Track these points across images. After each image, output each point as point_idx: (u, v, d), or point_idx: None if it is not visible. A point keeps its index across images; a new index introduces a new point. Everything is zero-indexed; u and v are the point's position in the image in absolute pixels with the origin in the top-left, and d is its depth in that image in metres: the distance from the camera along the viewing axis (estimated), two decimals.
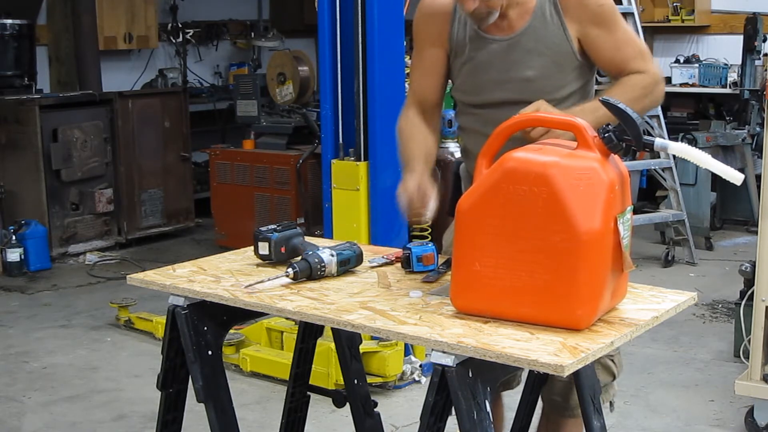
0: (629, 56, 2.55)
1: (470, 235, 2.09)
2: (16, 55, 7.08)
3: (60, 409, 4.27)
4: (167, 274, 2.56)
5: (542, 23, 2.54)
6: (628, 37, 2.58)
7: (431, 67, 2.71)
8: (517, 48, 2.56)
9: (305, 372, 2.97)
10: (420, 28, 2.73)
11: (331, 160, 4.46)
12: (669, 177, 6.63)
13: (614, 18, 2.57)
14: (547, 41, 2.54)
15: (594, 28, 2.54)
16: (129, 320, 5.33)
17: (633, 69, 2.54)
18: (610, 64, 2.58)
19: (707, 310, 5.49)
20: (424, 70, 2.73)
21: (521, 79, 2.55)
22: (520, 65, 2.55)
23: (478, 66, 2.61)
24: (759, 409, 3.82)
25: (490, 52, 2.58)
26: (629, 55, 2.55)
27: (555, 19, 2.54)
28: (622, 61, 2.55)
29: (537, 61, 2.55)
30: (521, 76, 2.55)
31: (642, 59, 2.56)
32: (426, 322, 2.10)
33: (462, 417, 1.97)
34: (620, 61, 2.55)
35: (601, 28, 2.54)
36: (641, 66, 2.55)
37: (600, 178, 2.00)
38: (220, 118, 8.67)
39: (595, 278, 2.01)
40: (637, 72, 2.53)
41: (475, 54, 2.61)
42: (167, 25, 8.87)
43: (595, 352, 1.94)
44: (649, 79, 2.54)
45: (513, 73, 2.56)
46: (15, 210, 6.74)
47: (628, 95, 2.42)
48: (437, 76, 2.72)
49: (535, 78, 2.54)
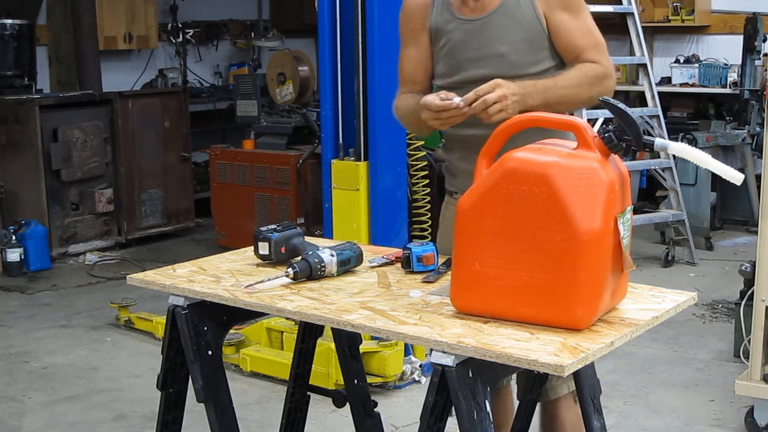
0: (587, 45, 2.66)
1: (470, 235, 2.09)
2: (16, 55, 7.08)
3: (60, 409, 4.27)
4: (167, 274, 2.56)
5: (514, 2, 2.65)
6: (589, 27, 2.69)
7: (418, 55, 2.79)
8: (490, 26, 2.66)
9: (305, 372, 2.97)
10: (404, 22, 2.82)
11: (331, 160, 4.46)
12: (669, 177, 6.63)
13: (580, 6, 2.69)
14: (519, 18, 2.64)
15: (560, 11, 2.65)
16: (129, 320, 5.33)
17: (588, 58, 2.64)
18: (568, 49, 2.67)
19: (707, 310, 5.49)
20: (412, 60, 2.80)
21: (495, 54, 2.65)
22: (494, 41, 2.65)
23: (455, 46, 2.70)
24: (759, 409, 3.82)
25: (466, 32, 2.68)
26: (588, 44, 2.66)
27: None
28: (579, 48, 2.66)
29: (510, 36, 2.65)
30: (495, 51, 2.65)
31: (598, 51, 2.67)
32: (426, 322, 2.10)
33: (462, 417, 1.97)
34: (578, 48, 2.66)
35: (567, 12, 2.66)
36: (596, 57, 2.65)
37: (600, 178, 2.00)
38: (220, 118, 8.67)
39: (595, 278, 2.01)
40: (591, 62, 2.64)
41: (451, 36, 2.70)
42: (167, 25, 8.87)
43: (595, 352, 1.94)
44: (601, 70, 2.64)
45: (487, 49, 2.66)
46: (15, 210, 6.74)
47: (580, 80, 2.59)
48: (424, 63, 2.79)
49: (508, 53, 2.64)
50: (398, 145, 4.49)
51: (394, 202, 4.47)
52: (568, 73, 2.62)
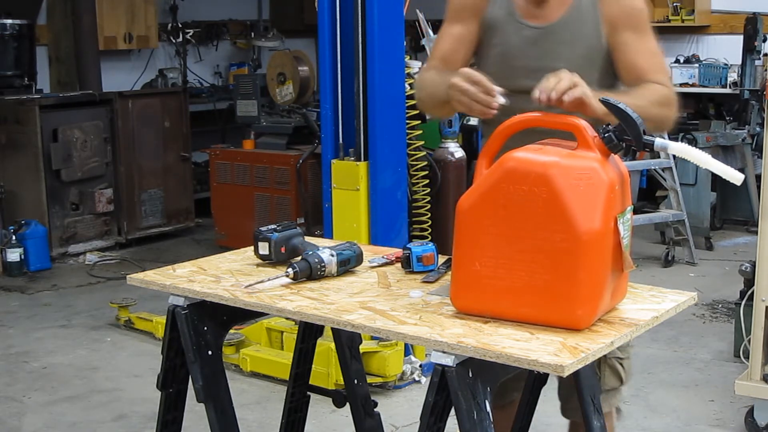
0: (652, 67, 2.52)
1: (470, 235, 2.09)
2: (16, 55, 7.09)
3: (60, 409, 4.27)
4: (167, 274, 2.56)
5: (578, 16, 2.53)
6: (655, 49, 2.55)
7: (462, 37, 2.63)
8: (550, 38, 2.53)
9: (305, 372, 2.97)
10: (457, 3, 2.66)
11: (331, 160, 4.46)
12: (669, 177, 6.63)
13: (647, 26, 2.55)
14: (581, 35, 2.53)
15: (626, 31, 2.51)
16: (129, 320, 5.33)
17: (653, 80, 2.49)
18: (630, 69, 2.53)
19: (707, 310, 5.50)
20: (454, 38, 2.64)
21: (551, 68, 2.44)
22: (552, 55, 2.52)
23: (510, 51, 2.56)
24: (759, 409, 3.82)
25: (523, 39, 2.55)
26: (652, 66, 2.52)
27: (591, 14, 2.52)
28: (643, 69, 2.51)
29: (569, 52, 2.52)
30: (552, 66, 2.45)
31: (663, 74, 2.54)
32: (426, 322, 2.10)
33: (462, 417, 1.97)
34: (641, 69, 2.51)
35: (633, 32, 2.52)
36: (661, 79, 2.51)
37: (600, 178, 2.00)
38: (220, 118, 8.67)
39: (595, 278, 2.01)
40: (656, 83, 2.49)
41: (507, 39, 2.56)
42: (167, 25, 8.88)
43: (595, 352, 1.94)
44: (668, 92, 2.48)
45: (544, 62, 2.49)
46: (15, 210, 6.74)
47: (648, 98, 2.39)
48: (466, 47, 2.64)
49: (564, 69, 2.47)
50: (398, 145, 4.49)
51: (394, 202, 4.47)
52: (633, 92, 2.43)
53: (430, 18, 5.59)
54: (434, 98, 2.55)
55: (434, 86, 2.52)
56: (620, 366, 2.71)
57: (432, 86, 2.55)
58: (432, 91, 2.55)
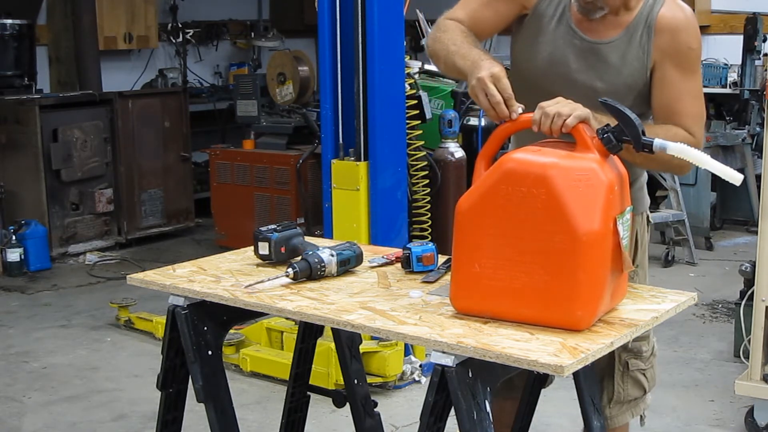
0: (688, 111, 2.41)
1: (470, 236, 2.09)
2: (16, 55, 7.08)
3: (60, 409, 4.27)
4: (167, 274, 2.56)
5: (629, 41, 2.42)
6: (696, 93, 2.44)
7: (499, 9, 2.51)
8: (597, 55, 2.44)
9: (305, 372, 2.97)
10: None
11: (331, 160, 4.46)
12: (669, 177, 6.63)
13: (695, 68, 2.44)
14: (629, 59, 2.42)
15: (672, 67, 2.41)
16: (129, 320, 5.33)
17: (682, 124, 2.38)
18: (665, 108, 2.42)
19: (707, 310, 5.50)
20: (490, 6, 2.52)
21: (590, 87, 2.42)
22: (594, 73, 2.44)
23: (559, 57, 2.47)
24: (759, 409, 3.82)
25: (570, 48, 2.46)
26: (688, 111, 2.41)
27: (643, 40, 2.41)
28: (678, 111, 2.40)
29: (613, 75, 2.43)
30: (591, 84, 2.43)
31: (697, 123, 2.41)
32: (426, 322, 2.10)
33: (462, 417, 1.97)
34: (676, 110, 2.40)
35: (679, 70, 2.41)
36: (693, 127, 2.39)
37: (599, 179, 2.00)
38: (220, 118, 8.67)
39: (594, 279, 2.01)
40: (685, 129, 2.37)
41: (556, 43, 2.47)
42: (167, 25, 8.88)
43: (595, 352, 1.95)
44: (692, 141, 2.27)
45: (584, 77, 2.44)
46: (15, 210, 6.74)
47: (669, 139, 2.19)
48: (498, 19, 2.52)
49: (603, 91, 2.36)
50: (398, 145, 4.49)
51: (394, 202, 4.47)
52: (662, 127, 2.33)
53: (430, 18, 5.58)
54: (450, 63, 2.42)
55: (457, 52, 2.39)
56: (643, 377, 2.68)
57: (455, 50, 2.40)
58: (452, 55, 2.40)
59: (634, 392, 2.67)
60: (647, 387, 2.71)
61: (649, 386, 2.71)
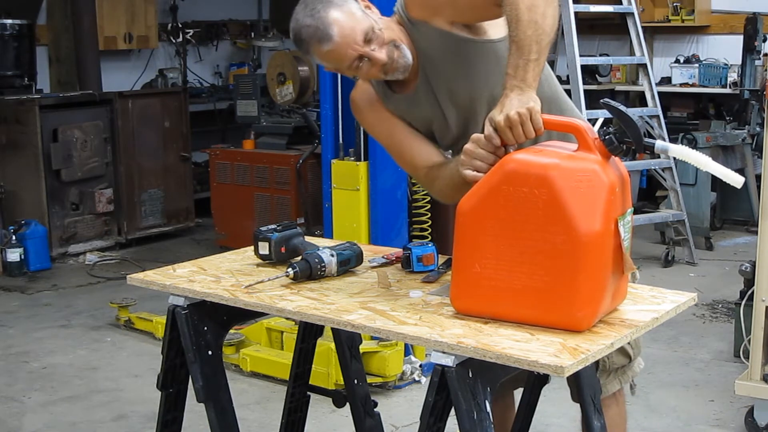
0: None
1: (470, 237, 2.09)
2: (16, 55, 7.08)
3: (60, 409, 4.27)
4: (167, 274, 2.56)
5: (428, 41, 2.40)
6: None
7: (411, 130, 2.54)
8: (430, 79, 2.43)
9: (305, 372, 2.97)
10: (371, 113, 2.59)
11: (331, 160, 4.46)
12: (669, 177, 6.63)
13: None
14: (435, 53, 2.40)
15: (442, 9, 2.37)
16: (129, 320, 5.33)
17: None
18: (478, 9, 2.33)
19: (707, 310, 5.50)
20: (410, 137, 2.54)
21: (456, 96, 2.42)
22: (445, 88, 2.43)
23: (426, 117, 2.49)
24: (759, 409, 3.82)
25: (423, 102, 2.46)
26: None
27: (423, 28, 2.39)
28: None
29: (450, 72, 2.41)
30: (454, 94, 2.41)
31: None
32: (426, 322, 2.10)
33: (462, 417, 1.97)
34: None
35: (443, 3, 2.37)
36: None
37: (600, 180, 2.00)
38: (220, 118, 8.67)
39: (595, 280, 2.01)
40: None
41: (415, 112, 2.49)
42: (167, 25, 8.88)
43: (595, 353, 1.95)
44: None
45: (446, 98, 2.43)
46: (15, 210, 6.74)
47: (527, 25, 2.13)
48: (423, 125, 2.53)
49: (461, 87, 2.40)
50: None
51: (394, 202, 4.47)
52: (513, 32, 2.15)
53: None
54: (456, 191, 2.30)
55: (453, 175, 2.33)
56: (627, 344, 2.63)
57: (451, 177, 2.36)
58: (454, 181, 2.33)
59: (619, 360, 2.68)
60: (632, 354, 2.71)
61: (634, 353, 2.72)
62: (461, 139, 2.37)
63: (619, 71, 8.71)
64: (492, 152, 2.14)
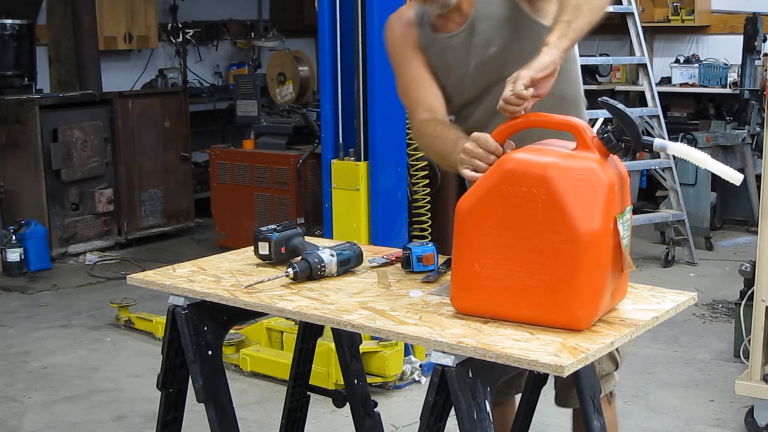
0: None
1: (470, 237, 2.09)
2: (16, 55, 7.08)
3: (60, 409, 4.27)
4: (167, 274, 2.56)
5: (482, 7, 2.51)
6: None
7: (429, 75, 2.60)
8: (474, 32, 2.52)
9: (305, 372, 2.97)
10: (399, 41, 2.68)
11: (331, 160, 4.46)
12: (669, 177, 6.63)
13: None
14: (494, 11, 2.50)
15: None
16: (129, 320, 5.34)
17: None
18: None
19: (707, 310, 5.50)
20: (425, 80, 2.60)
21: (488, 58, 2.49)
22: (482, 46, 2.51)
23: (450, 66, 2.56)
24: (759, 409, 3.82)
25: (455, 49, 2.55)
26: None
27: None
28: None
29: (495, 34, 2.50)
30: (487, 55, 2.49)
31: None
32: (426, 322, 2.10)
33: (462, 417, 1.97)
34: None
35: None
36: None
37: (599, 179, 2.00)
38: (220, 118, 8.67)
39: (595, 279, 2.01)
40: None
41: (441, 57, 2.57)
42: (167, 25, 8.88)
43: (595, 352, 1.94)
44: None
45: (479, 57, 2.51)
46: (15, 210, 6.74)
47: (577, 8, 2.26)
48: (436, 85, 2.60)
49: (498, 52, 2.48)
50: (398, 145, 4.49)
51: (394, 202, 4.47)
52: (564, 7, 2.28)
53: None
54: (445, 159, 2.43)
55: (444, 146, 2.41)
56: (616, 351, 2.68)
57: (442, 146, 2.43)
58: (442, 150, 2.44)
59: (608, 367, 2.68)
60: (619, 362, 2.72)
61: (620, 361, 2.73)
62: (470, 106, 2.54)
63: (619, 71, 8.72)
64: (492, 152, 2.15)
